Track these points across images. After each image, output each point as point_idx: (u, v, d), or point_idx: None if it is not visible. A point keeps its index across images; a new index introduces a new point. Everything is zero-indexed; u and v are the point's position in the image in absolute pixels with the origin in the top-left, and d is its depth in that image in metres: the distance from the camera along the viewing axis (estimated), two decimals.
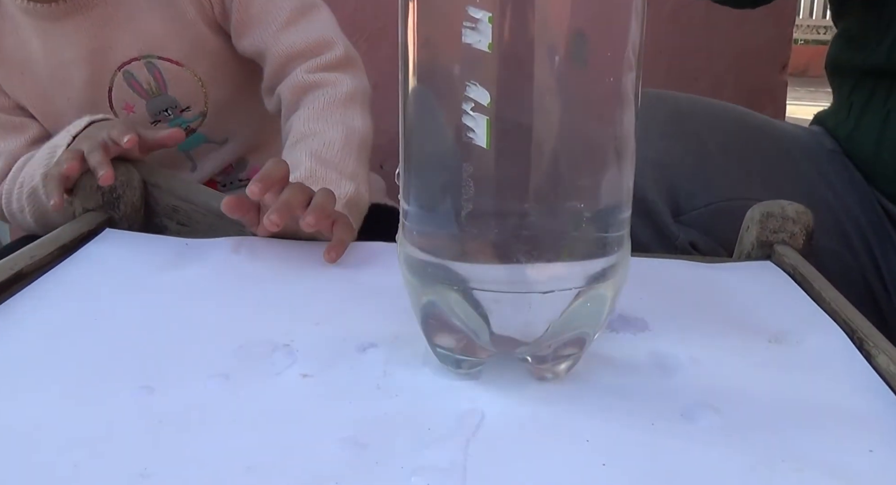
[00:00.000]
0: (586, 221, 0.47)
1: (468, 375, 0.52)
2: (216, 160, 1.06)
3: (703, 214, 0.91)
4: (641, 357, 0.56)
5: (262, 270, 0.67)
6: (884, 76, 0.98)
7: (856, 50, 1.03)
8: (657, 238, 0.88)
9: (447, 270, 0.47)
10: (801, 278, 0.70)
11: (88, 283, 0.64)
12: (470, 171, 0.45)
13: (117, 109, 0.97)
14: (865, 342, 0.58)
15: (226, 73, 1.01)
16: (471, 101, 0.43)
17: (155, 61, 0.96)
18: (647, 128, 0.91)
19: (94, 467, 0.42)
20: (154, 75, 0.96)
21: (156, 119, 0.99)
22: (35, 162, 0.87)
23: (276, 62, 0.95)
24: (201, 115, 1.01)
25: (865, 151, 1.01)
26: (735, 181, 0.90)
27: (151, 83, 0.97)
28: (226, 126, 1.05)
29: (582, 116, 0.46)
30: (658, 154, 0.90)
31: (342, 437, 0.45)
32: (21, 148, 0.93)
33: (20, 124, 0.96)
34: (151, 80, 0.96)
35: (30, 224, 0.91)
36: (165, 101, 0.98)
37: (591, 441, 0.46)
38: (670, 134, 0.92)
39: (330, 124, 0.88)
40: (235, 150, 1.07)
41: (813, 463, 0.44)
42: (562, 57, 0.44)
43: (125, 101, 0.97)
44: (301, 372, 0.52)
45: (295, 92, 0.93)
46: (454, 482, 0.42)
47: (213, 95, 1.00)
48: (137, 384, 0.50)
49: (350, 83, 0.93)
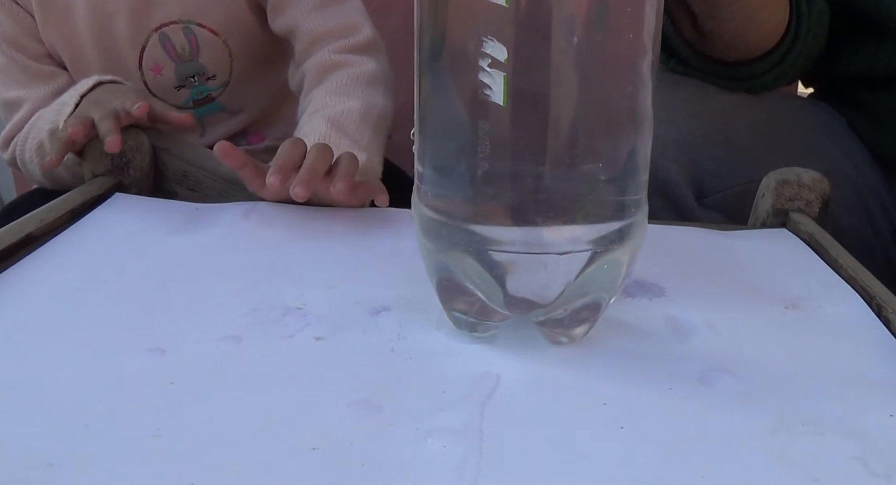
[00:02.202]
0: (603, 183, 0.46)
1: (483, 339, 0.51)
2: (225, 128, 1.07)
3: (727, 197, 0.89)
4: (658, 322, 0.55)
5: (274, 234, 0.67)
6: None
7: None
8: (678, 220, 0.86)
9: (462, 231, 0.47)
10: (818, 246, 0.69)
11: (98, 246, 0.63)
12: (486, 129, 0.44)
13: (145, 69, 0.97)
14: (884, 308, 0.57)
15: (255, 48, 1.02)
16: (488, 58, 0.43)
17: (193, 27, 0.97)
18: (672, 107, 0.90)
19: (105, 427, 0.42)
20: (189, 40, 0.97)
21: (181, 84, 1.00)
22: (44, 117, 0.87)
23: (306, 40, 0.96)
24: (223, 86, 1.03)
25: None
26: (761, 161, 0.89)
27: (185, 48, 0.97)
28: (243, 98, 1.06)
29: (600, 75, 0.45)
30: (682, 134, 0.89)
31: (356, 399, 0.45)
32: (48, 96, 0.93)
33: (49, 73, 0.96)
34: (186, 44, 0.97)
35: (38, 176, 0.93)
36: (194, 67, 0.99)
37: (609, 404, 0.45)
38: (694, 113, 0.90)
39: (351, 98, 0.89)
40: (245, 120, 1.09)
41: (833, 427, 0.44)
42: (581, 12, 0.43)
43: (155, 61, 0.98)
44: (314, 335, 0.51)
45: (319, 69, 0.94)
46: (470, 444, 0.41)
47: (238, 68, 1.02)
48: (148, 346, 0.49)
49: (374, 65, 0.94)
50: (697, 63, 0.95)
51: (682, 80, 0.94)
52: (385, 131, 0.91)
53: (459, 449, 0.41)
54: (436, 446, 0.41)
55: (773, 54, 0.93)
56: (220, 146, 0.69)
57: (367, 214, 0.72)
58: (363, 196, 0.72)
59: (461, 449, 0.41)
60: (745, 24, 0.89)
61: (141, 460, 0.39)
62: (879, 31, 0.95)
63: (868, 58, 0.98)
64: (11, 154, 0.95)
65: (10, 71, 0.96)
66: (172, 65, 0.98)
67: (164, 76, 0.99)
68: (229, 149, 0.69)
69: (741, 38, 0.90)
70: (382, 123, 0.90)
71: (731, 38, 0.90)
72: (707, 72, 0.95)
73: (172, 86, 0.99)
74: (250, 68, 1.03)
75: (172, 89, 1.00)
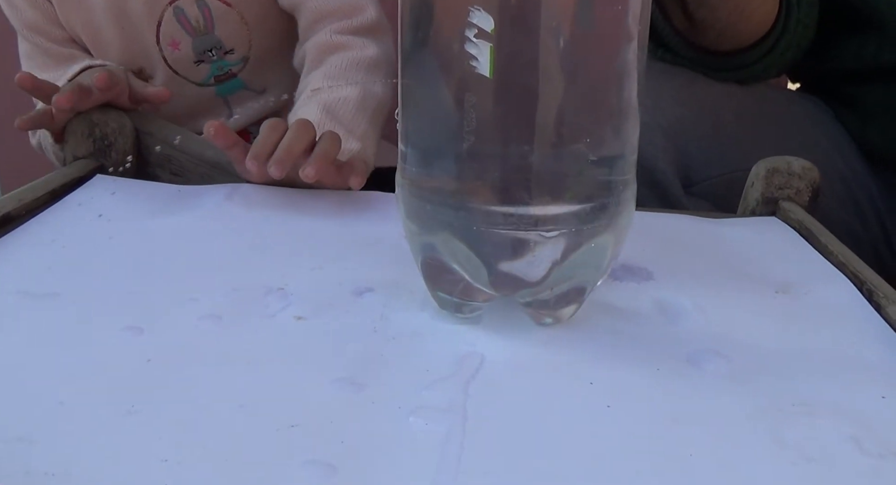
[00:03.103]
0: (591, 161, 0.45)
1: (468, 319, 0.50)
2: (253, 110, 1.05)
3: (715, 185, 0.89)
4: (646, 305, 0.54)
5: (257, 216, 0.66)
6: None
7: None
8: (666, 208, 0.86)
9: (447, 209, 0.46)
10: (808, 233, 0.68)
11: (78, 226, 0.62)
12: (472, 102, 0.43)
13: (163, 45, 0.96)
14: (875, 293, 0.56)
15: (271, 20, 1.00)
16: (474, 28, 0.42)
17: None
18: (660, 95, 0.89)
19: (79, 403, 0.41)
20: (203, 13, 0.96)
21: (199, 59, 0.98)
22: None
23: (309, 18, 0.95)
24: (243, 61, 1.01)
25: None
26: (749, 150, 0.88)
27: (200, 20, 0.96)
28: (265, 75, 1.04)
29: (589, 49, 0.44)
30: (670, 122, 0.88)
31: (337, 377, 0.44)
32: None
33: (70, 56, 0.96)
34: (200, 17, 0.96)
35: (54, 159, 0.91)
36: (211, 40, 0.98)
37: (596, 384, 0.44)
38: (684, 100, 0.89)
39: (349, 83, 0.88)
40: (272, 102, 1.07)
41: (824, 407, 0.43)
42: None
43: (172, 36, 0.96)
44: (295, 314, 0.50)
45: (320, 50, 0.92)
46: (454, 423, 0.40)
47: (256, 41, 1.00)
48: (126, 325, 0.48)
49: (376, 49, 0.92)
50: (687, 52, 0.94)
51: (671, 68, 0.93)
52: (382, 119, 0.89)
53: (443, 427, 0.40)
54: (419, 424, 0.40)
55: (763, 44, 0.92)
56: (211, 124, 0.68)
57: (353, 196, 0.71)
58: (342, 180, 0.71)
59: (444, 427, 0.40)
60: (736, 13, 0.88)
61: (115, 437, 0.38)
62: (866, 24, 0.95)
63: (855, 51, 0.97)
64: (37, 139, 0.95)
65: (35, 56, 0.96)
66: (189, 39, 0.97)
67: (182, 51, 0.97)
68: (220, 127, 0.68)
69: (733, 26, 0.89)
70: (379, 113, 0.88)
71: (722, 26, 0.89)
72: (696, 61, 0.94)
73: (191, 61, 0.98)
74: (270, 44, 1.01)
75: (192, 65, 0.98)
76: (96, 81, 0.74)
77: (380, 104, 0.88)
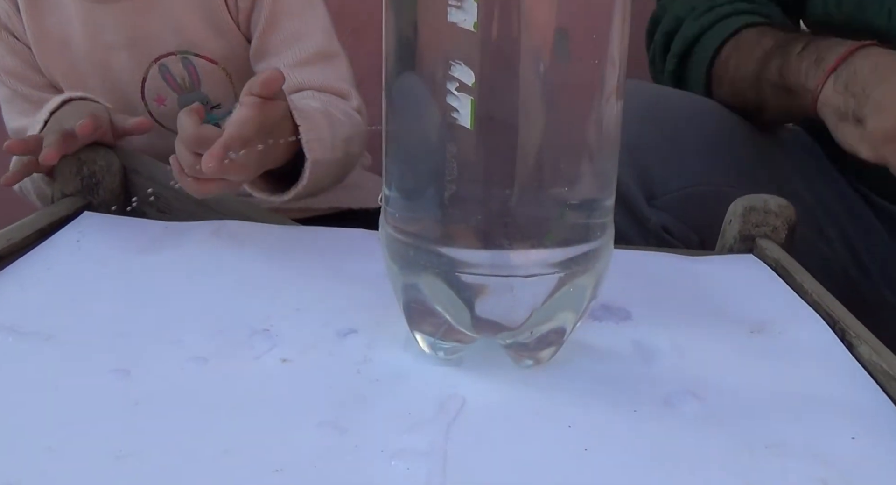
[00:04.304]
0: (569, 207, 0.47)
1: (450, 360, 0.51)
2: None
3: (675, 199, 0.91)
4: (624, 345, 0.55)
5: (242, 255, 0.66)
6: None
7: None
8: (630, 221, 0.88)
9: (430, 253, 0.47)
10: (784, 272, 0.70)
11: (65, 265, 0.63)
12: (454, 152, 0.44)
13: (149, 100, 0.96)
14: (847, 333, 0.57)
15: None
16: (455, 81, 0.43)
17: (191, 57, 0.95)
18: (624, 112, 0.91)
19: (67, 448, 0.41)
20: (189, 71, 0.96)
21: None
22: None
23: (288, 91, 0.88)
24: (230, 114, 0.99)
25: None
26: (708, 168, 0.91)
27: (185, 78, 0.96)
28: None
29: (567, 100, 0.46)
30: (633, 137, 0.90)
31: (321, 420, 0.45)
32: None
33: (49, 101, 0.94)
34: (186, 75, 0.96)
35: (36, 201, 0.91)
36: (198, 97, 0.97)
37: (573, 427, 0.45)
38: (646, 118, 0.92)
39: (315, 101, 0.85)
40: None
41: (795, 450, 0.44)
42: (547, 39, 0.43)
43: (158, 92, 0.96)
44: (280, 356, 0.51)
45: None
46: (434, 466, 0.41)
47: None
48: (114, 367, 0.49)
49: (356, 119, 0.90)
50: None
51: (636, 87, 0.95)
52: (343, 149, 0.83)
53: (423, 471, 0.41)
54: (400, 468, 0.41)
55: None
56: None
57: (339, 235, 0.72)
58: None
59: (425, 471, 0.41)
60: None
61: (103, 482, 0.39)
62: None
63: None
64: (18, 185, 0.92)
65: (14, 101, 0.96)
66: (174, 95, 0.97)
67: (168, 106, 0.97)
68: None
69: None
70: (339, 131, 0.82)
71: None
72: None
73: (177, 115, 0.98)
74: None
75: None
76: (80, 129, 0.75)
77: (342, 125, 0.83)
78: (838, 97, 0.83)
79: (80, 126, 0.75)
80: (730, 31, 0.98)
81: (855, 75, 0.82)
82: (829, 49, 0.86)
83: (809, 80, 0.86)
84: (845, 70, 0.83)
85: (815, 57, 0.87)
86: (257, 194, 0.76)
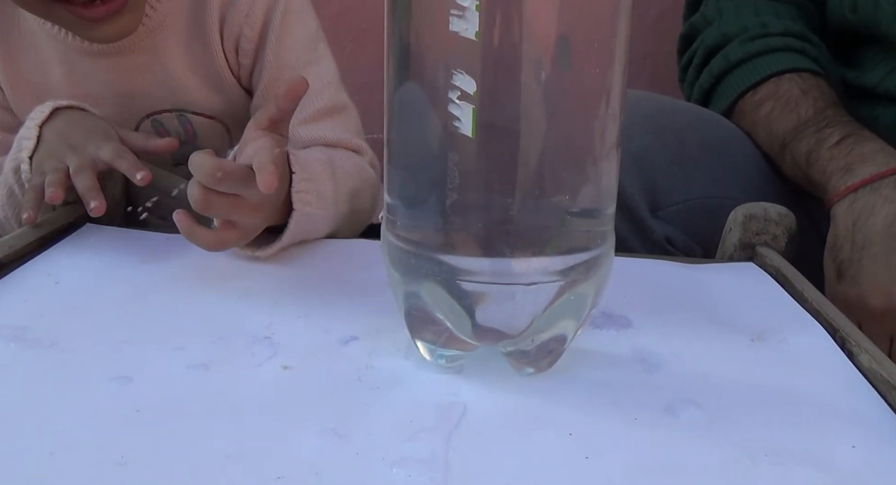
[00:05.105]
0: (571, 215, 0.47)
1: (451, 368, 0.51)
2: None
3: (679, 211, 0.91)
4: (625, 353, 0.55)
5: (244, 264, 0.67)
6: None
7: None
8: (634, 232, 0.88)
9: (431, 261, 0.47)
10: (784, 280, 0.70)
11: (67, 274, 0.63)
12: (455, 160, 0.44)
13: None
14: (847, 341, 0.58)
15: None
16: (457, 90, 0.43)
17: (187, 115, 0.91)
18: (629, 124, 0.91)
19: (68, 455, 0.42)
20: (185, 127, 0.92)
21: (178, 162, 0.92)
22: (7, 159, 0.80)
23: (296, 146, 0.84)
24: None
25: None
26: (712, 180, 0.91)
27: (181, 133, 0.92)
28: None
29: (568, 109, 0.46)
30: (638, 149, 0.90)
31: (322, 428, 0.45)
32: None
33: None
34: (181, 131, 0.92)
35: (12, 224, 0.84)
36: (193, 149, 0.92)
37: (574, 435, 0.45)
38: (651, 130, 0.92)
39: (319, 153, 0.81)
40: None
41: (796, 458, 0.44)
42: (549, 48, 0.44)
43: None
44: (281, 364, 0.51)
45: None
46: (435, 474, 0.41)
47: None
48: (115, 374, 0.49)
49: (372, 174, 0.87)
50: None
51: (643, 99, 0.95)
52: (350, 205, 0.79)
53: (425, 478, 0.41)
54: (401, 476, 0.41)
55: None
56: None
57: (340, 244, 0.72)
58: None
59: (426, 478, 0.41)
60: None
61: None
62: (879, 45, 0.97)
63: (869, 73, 0.99)
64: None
65: None
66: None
67: (161, 157, 0.90)
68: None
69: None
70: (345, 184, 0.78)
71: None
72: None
73: (169, 164, 0.92)
74: None
75: (171, 167, 0.91)
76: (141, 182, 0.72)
77: (347, 175, 0.80)
78: (843, 233, 0.83)
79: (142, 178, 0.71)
80: (774, 70, 0.97)
81: (868, 219, 0.82)
82: (862, 161, 0.85)
83: (831, 185, 0.86)
84: (863, 199, 0.83)
85: (843, 163, 0.86)
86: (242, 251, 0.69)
